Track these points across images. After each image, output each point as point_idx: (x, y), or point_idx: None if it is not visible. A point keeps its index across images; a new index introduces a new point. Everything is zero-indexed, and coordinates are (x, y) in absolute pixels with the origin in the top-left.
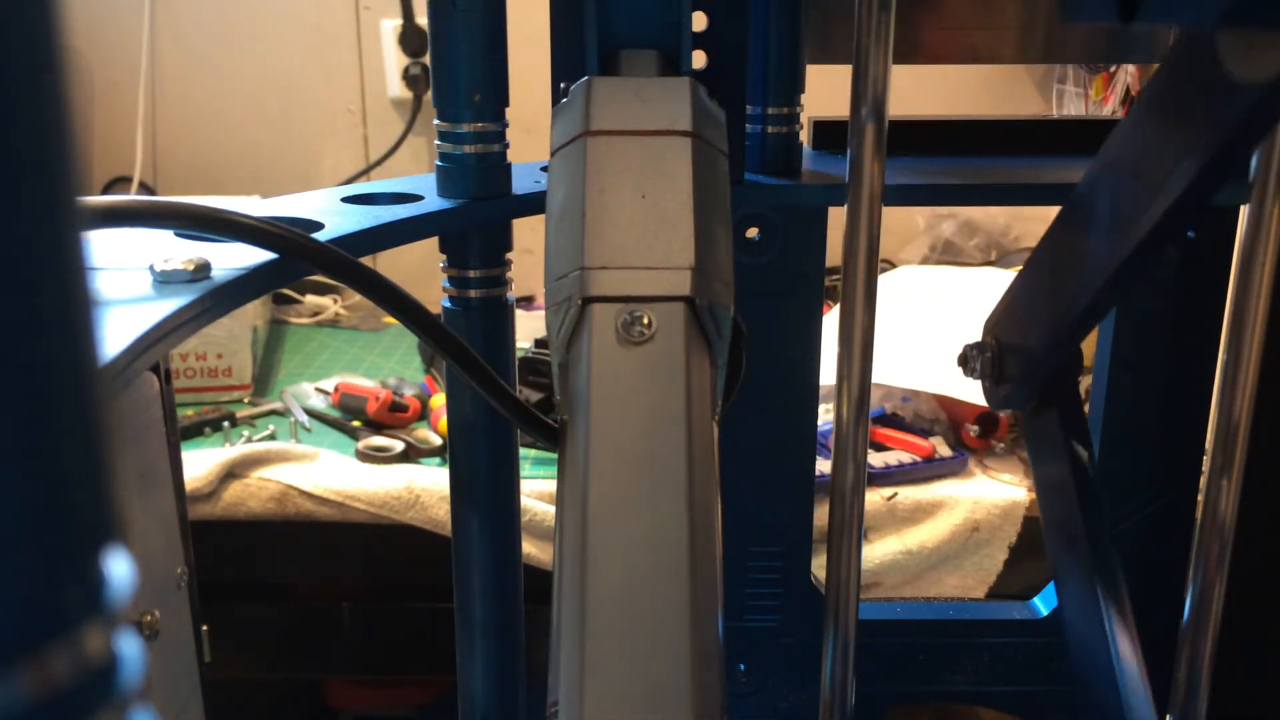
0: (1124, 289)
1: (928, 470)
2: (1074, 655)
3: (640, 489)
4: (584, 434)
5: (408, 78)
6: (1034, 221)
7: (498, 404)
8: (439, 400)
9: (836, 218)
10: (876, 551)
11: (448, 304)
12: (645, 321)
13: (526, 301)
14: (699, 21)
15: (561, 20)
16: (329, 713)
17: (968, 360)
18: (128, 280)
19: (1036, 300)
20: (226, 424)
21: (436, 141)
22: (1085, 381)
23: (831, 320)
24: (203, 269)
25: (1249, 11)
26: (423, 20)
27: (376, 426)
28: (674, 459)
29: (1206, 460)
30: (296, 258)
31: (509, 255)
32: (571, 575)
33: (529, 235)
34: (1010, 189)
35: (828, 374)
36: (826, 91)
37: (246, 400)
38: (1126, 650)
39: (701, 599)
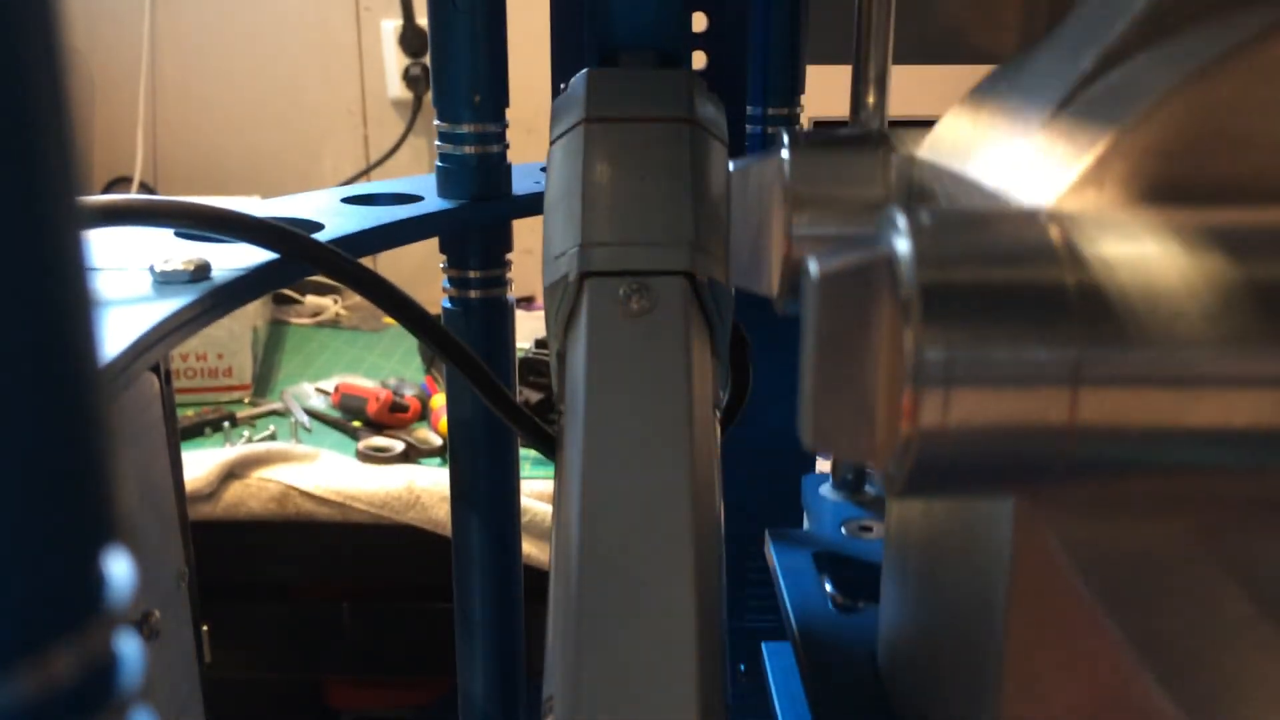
0: None
1: None
2: None
3: (640, 462)
4: (582, 409)
5: (408, 78)
6: None
7: (495, 407)
8: (439, 400)
9: None
10: None
11: (448, 304)
12: (645, 295)
13: (526, 302)
14: (699, 22)
15: (561, 20)
16: (329, 713)
17: None
18: (128, 280)
19: None
20: (227, 424)
21: (436, 142)
22: None
23: None
24: (203, 269)
25: None
26: (423, 20)
27: (377, 427)
28: (675, 433)
29: None
30: (297, 258)
31: (509, 256)
32: (568, 553)
33: (529, 235)
34: None
35: None
36: (826, 91)
37: (247, 400)
38: None
39: (705, 582)
